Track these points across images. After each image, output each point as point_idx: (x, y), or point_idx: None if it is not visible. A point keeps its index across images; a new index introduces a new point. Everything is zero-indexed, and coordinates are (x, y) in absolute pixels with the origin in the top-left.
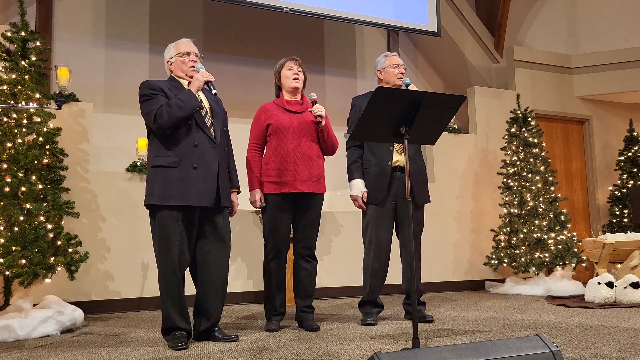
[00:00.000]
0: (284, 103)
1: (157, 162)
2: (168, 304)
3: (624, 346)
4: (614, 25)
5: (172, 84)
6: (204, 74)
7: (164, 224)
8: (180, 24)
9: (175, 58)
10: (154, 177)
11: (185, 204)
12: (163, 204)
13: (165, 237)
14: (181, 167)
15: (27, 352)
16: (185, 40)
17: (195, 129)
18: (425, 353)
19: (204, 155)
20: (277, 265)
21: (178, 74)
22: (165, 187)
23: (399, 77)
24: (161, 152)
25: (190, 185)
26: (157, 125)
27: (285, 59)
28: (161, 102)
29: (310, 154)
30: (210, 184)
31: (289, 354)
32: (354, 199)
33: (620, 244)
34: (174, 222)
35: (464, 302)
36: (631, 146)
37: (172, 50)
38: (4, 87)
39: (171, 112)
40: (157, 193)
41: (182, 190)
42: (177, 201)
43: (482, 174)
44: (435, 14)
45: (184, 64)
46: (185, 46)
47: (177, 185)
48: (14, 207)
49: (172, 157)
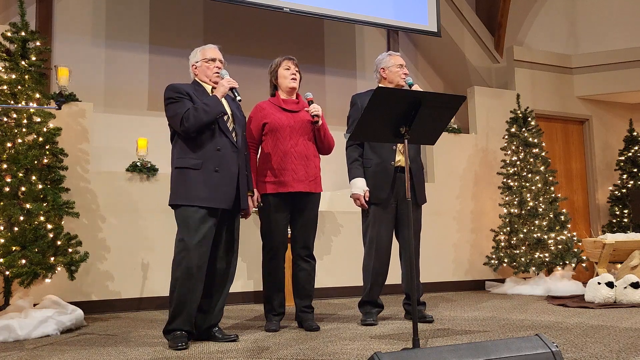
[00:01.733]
0: (280, 102)
1: (180, 164)
2: (177, 306)
3: (624, 346)
4: (614, 25)
5: (197, 88)
6: (229, 80)
7: (186, 224)
8: (180, 24)
9: (200, 63)
10: (178, 178)
11: (209, 205)
12: (189, 204)
13: (188, 237)
14: (203, 170)
15: (27, 352)
16: (211, 47)
17: (219, 134)
18: (425, 353)
19: (225, 159)
20: (276, 266)
21: (202, 78)
22: (190, 188)
23: (403, 78)
24: (185, 154)
25: (213, 188)
26: (184, 128)
27: (282, 57)
28: (187, 106)
29: (307, 154)
30: (230, 187)
31: (289, 354)
32: (356, 197)
33: (620, 244)
34: (198, 223)
35: (464, 302)
36: (631, 146)
37: (199, 54)
38: (4, 87)
39: (197, 117)
40: (182, 194)
41: (206, 192)
42: (201, 202)
43: (482, 174)
44: (435, 14)
45: (208, 69)
46: (212, 52)
47: (201, 187)
48: (14, 207)
49: (195, 160)
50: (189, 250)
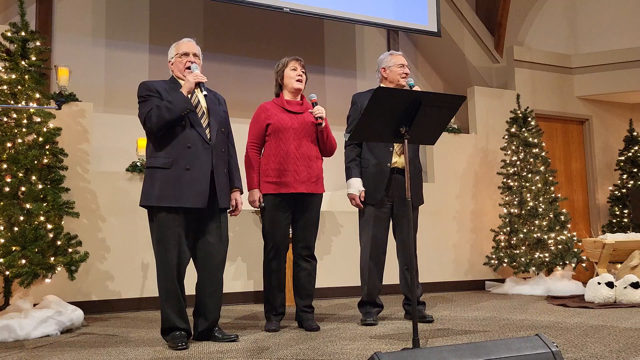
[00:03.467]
0: (284, 103)
1: (151, 164)
2: (166, 305)
3: (624, 346)
4: (614, 25)
5: (171, 85)
6: (195, 75)
7: (161, 224)
8: (180, 24)
9: (174, 58)
10: (149, 179)
11: (179, 205)
12: (158, 205)
13: (163, 238)
14: (174, 168)
15: (27, 352)
16: (186, 40)
17: (190, 130)
18: (425, 353)
19: (197, 156)
20: (277, 266)
21: (177, 74)
22: (161, 188)
23: (403, 77)
24: (156, 153)
25: (184, 187)
26: (147, 128)
27: (289, 58)
28: (153, 105)
29: (309, 155)
30: (203, 186)
31: (289, 354)
32: (351, 197)
33: (620, 244)
34: (171, 223)
35: (464, 302)
36: (631, 146)
37: (173, 50)
38: (4, 87)
39: (160, 115)
40: (153, 194)
41: (176, 192)
42: (171, 202)
43: (482, 174)
44: (435, 14)
45: (181, 64)
46: (185, 46)
47: (171, 187)
48: (14, 207)
49: (165, 159)
50: (166, 250)
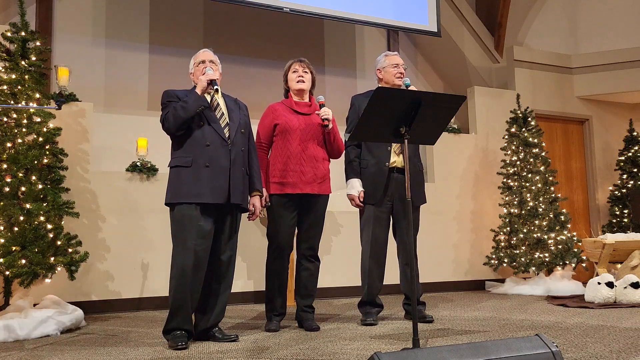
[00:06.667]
0: (292, 104)
1: (173, 163)
2: (175, 305)
3: (624, 346)
4: (614, 25)
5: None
6: (207, 75)
7: (180, 221)
8: (180, 24)
9: (194, 68)
10: (171, 178)
11: (200, 201)
12: (179, 202)
13: (182, 236)
14: (194, 166)
15: (27, 352)
16: (202, 50)
17: (208, 129)
18: (425, 353)
19: (215, 153)
20: (280, 266)
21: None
22: (181, 186)
23: (398, 77)
24: (177, 153)
25: (203, 183)
26: (165, 130)
27: (292, 60)
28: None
29: (316, 156)
30: (221, 181)
31: (289, 354)
32: (351, 198)
33: (620, 244)
34: (191, 220)
35: (464, 302)
36: (631, 146)
37: (192, 61)
38: (4, 87)
39: (176, 115)
40: (175, 192)
41: (196, 189)
42: (191, 199)
43: (482, 174)
44: (435, 14)
45: (198, 71)
46: (202, 55)
47: (191, 184)
48: (14, 207)
49: (185, 157)
50: (183, 249)
